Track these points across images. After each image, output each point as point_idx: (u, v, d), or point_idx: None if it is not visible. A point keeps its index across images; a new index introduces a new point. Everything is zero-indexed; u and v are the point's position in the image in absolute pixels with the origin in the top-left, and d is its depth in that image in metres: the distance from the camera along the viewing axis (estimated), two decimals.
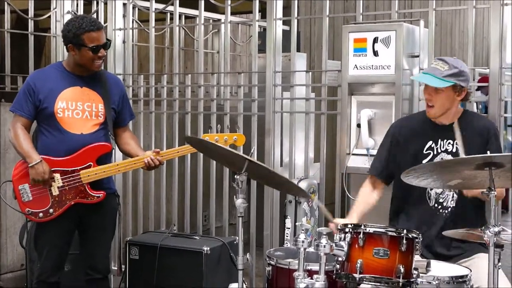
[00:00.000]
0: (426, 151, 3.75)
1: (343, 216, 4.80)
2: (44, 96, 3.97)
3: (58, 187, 3.94)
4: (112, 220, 4.22)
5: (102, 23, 5.87)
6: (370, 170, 4.00)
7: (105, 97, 4.06)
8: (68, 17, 6.08)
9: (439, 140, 3.73)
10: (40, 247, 4.08)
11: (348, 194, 4.62)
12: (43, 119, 4.01)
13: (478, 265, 3.40)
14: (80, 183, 3.95)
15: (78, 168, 3.95)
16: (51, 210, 3.95)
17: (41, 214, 3.95)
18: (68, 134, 3.96)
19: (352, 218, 3.76)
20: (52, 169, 3.92)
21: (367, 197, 3.93)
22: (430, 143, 3.75)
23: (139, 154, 4.12)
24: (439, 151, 3.73)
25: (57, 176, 3.93)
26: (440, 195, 3.70)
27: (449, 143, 3.72)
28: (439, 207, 3.70)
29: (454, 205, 3.68)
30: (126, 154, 4.27)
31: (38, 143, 4.03)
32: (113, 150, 4.20)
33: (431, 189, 3.70)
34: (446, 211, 3.69)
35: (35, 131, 4.14)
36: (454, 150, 3.69)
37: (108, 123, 4.06)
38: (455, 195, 3.68)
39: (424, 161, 3.69)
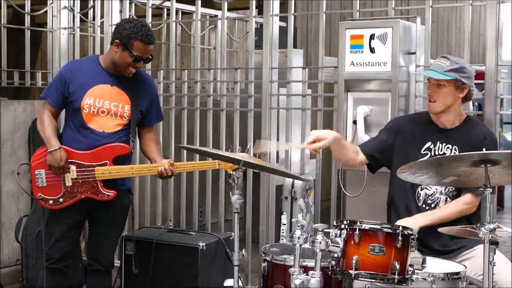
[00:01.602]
0: (424, 151, 3.76)
1: (338, 215, 4.82)
2: (74, 89, 4.04)
3: (72, 179, 4.00)
4: (122, 217, 4.27)
5: (99, 18, 5.89)
6: (362, 144, 4.05)
7: (134, 99, 4.09)
8: (64, 12, 6.09)
9: (438, 143, 3.75)
10: (50, 234, 4.17)
11: (344, 191, 4.62)
12: (69, 112, 4.09)
13: (481, 256, 3.40)
14: (94, 178, 4.00)
15: (94, 164, 4.00)
16: (61, 200, 4.02)
17: (51, 202, 4.04)
18: (90, 130, 4.02)
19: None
20: (69, 160, 3.98)
21: (350, 145, 3.98)
22: (429, 143, 3.77)
23: (157, 159, 4.14)
24: (437, 153, 3.74)
25: (72, 167, 4.00)
26: (430, 197, 3.72)
27: (448, 147, 3.74)
28: (427, 208, 3.72)
29: None
30: (145, 156, 4.31)
31: (63, 134, 4.12)
32: (132, 152, 4.19)
33: (421, 189, 3.73)
34: None
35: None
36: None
37: (131, 125, 4.08)
38: (448, 199, 3.71)
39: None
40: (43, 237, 4.64)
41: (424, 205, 3.73)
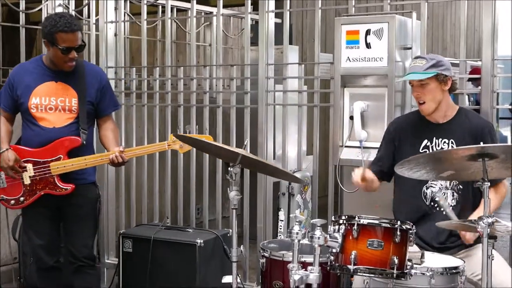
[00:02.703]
0: (422, 150, 3.76)
1: (336, 211, 4.82)
2: (21, 92, 4.14)
3: (29, 177, 4.08)
4: (90, 210, 4.27)
5: (94, 16, 5.87)
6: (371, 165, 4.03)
7: (80, 91, 4.14)
8: (59, 10, 6.06)
9: (434, 139, 3.75)
10: (28, 233, 4.32)
11: (341, 187, 4.62)
12: (22, 113, 4.19)
13: (479, 254, 3.41)
14: (50, 174, 4.07)
15: (49, 160, 4.07)
16: (21, 199, 4.11)
17: (12, 202, 4.14)
18: (41, 128, 4.10)
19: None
20: (25, 159, 4.08)
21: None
22: (425, 141, 3.77)
23: (111, 148, 4.20)
24: (434, 149, 3.73)
25: (29, 166, 4.08)
26: (437, 194, 3.71)
27: (444, 142, 3.73)
28: (435, 205, 3.71)
29: (454, 204, 3.70)
30: (103, 146, 4.35)
31: (21, 135, 4.22)
32: (84, 143, 4.17)
33: (427, 188, 3.73)
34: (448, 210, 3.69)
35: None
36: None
37: (80, 118, 4.12)
38: (455, 193, 3.71)
39: None
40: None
41: (432, 203, 3.72)
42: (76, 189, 4.10)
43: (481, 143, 3.45)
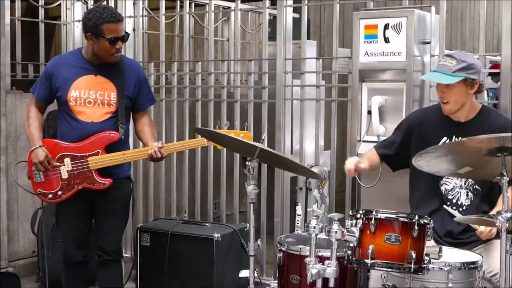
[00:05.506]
0: None
1: (353, 206, 4.81)
2: (60, 84, 4.11)
3: (67, 171, 4.07)
4: (123, 205, 4.27)
5: None
6: (377, 145, 4.03)
7: (119, 86, 4.12)
8: (78, 5, 6.11)
9: (454, 137, 3.71)
10: (61, 227, 4.29)
11: (359, 181, 4.61)
12: (60, 106, 4.17)
13: (495, 251, 3.39)
14: (88, 168, 4.06)
15: (87, 154, 4.06)
16: (59, 193, 4.09)
17: (50, 196, 4.11)
18: (79, 122, 4.08)
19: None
20: (63, 153, 4.07)
21: (372, 156, 3.97)
22: (444, 139, 3.73)
23: (149, 143, 4.18)
24: None
25: (67, 160, 4.07)
26: (450, 192, 3.70)
27: None
28: (449, 204, 3.69)
29: (469, 203, 3.67)
30: (140, 140, 4.36)
31: (57, 128, 4.21)
32: (122, 138, 4.19)
33: (441, 185, 3.71)
34: (460, 209, 3.67)
35: (56, 115, 4.26)
36: None
37: (119, 112, 4.12)
38: (469, 193, 3.68)
39: None
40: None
41: (444, 200, 3.70)
42: (112, 183, 4.10)
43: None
